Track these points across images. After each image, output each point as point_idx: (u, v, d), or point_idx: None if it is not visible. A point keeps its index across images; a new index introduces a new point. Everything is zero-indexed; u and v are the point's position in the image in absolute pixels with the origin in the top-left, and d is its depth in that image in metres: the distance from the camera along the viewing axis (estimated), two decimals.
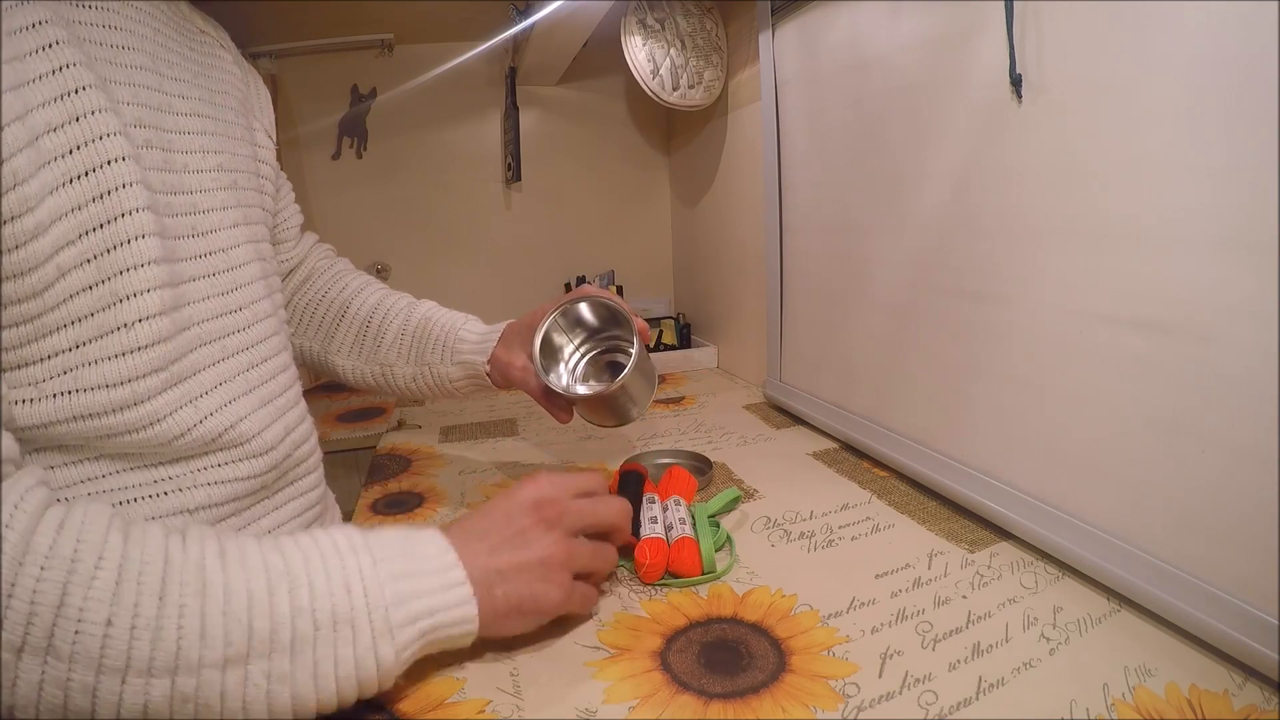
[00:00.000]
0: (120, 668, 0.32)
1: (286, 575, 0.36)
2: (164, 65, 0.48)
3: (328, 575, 0.37)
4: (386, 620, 0.37)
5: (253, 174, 0.58)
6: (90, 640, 0.31)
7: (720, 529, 0.61)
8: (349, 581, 0.37)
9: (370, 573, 0.38)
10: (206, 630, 0.33)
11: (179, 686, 0.33)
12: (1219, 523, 0.44)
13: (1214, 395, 0.44)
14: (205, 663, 0.33)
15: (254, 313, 0.52)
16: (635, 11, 1.08)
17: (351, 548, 0.39)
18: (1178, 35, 0.44)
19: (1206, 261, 0.43)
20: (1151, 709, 0.39)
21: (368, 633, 0.37)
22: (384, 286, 0.74)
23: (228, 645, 0.33)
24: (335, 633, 0.36)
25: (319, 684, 0.36)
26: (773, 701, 0.41)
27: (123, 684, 0.32)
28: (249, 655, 0.34)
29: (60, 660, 0.31)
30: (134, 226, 0.40)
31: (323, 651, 0.36)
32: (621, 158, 1.49)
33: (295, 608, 0.35)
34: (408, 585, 0.39)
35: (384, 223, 1.39)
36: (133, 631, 0.32)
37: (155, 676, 0.32)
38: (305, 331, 0.73)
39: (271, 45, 1.23)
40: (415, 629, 0.39)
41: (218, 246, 0.49)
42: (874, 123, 0.75)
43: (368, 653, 0.37)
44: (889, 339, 0.76)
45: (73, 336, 0.38)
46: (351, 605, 0.36)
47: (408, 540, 0.41)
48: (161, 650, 0.32)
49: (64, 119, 0.38)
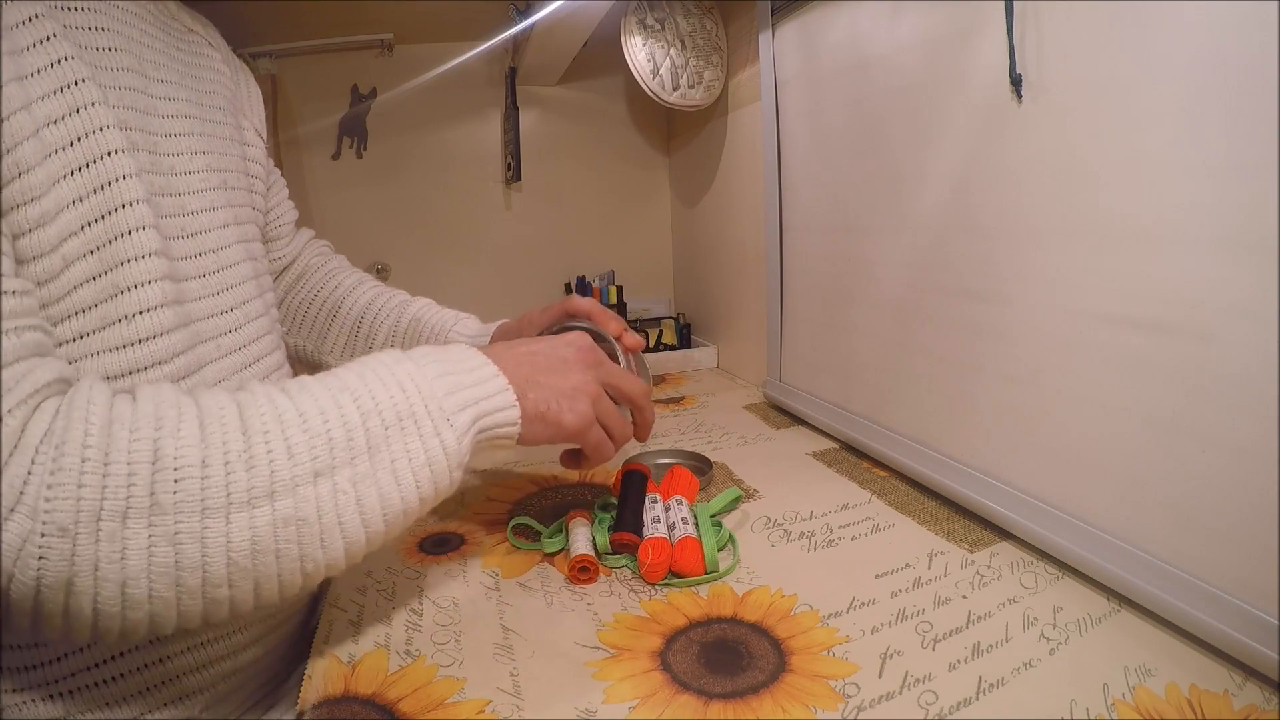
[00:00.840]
0: (223, 505, 0.33)
1: (347, 389, 0.39)
2: (150, 66, 0.48)
3: (382, 382, 0.40)
4: (442, 409, 0.41)
5: (242, 173, 0.58)
6: (190, 484, 0.32)
7: (722, 529, 0.61)
8: (402, 382, 0.40)
9: (418, 373, 0.41)
10: (292, 449, 0.35)
11: (278, 510, 0.35)
12: (1219, 522, 0.44)
13: (1214, 395, 0.44)
14: (298, 480, 0.35)
15: (246, 313, 0.52)
16: (635, 11, 1.08)
17: (395, 359, 0.42)
18: (1178, 35, 0.44)
19: (1206, 261, 0.43)
20: (1151, 709, 0.39)
21: (429, 422, 0.40)
22: (378, 284, 0.74)
23: (314, 458, 0.36)
24: (401, 428, 0.39)
25: (399, 479, 0.39)
26: (773, 701, 0.41)
27: (228, 521, 0.33)
28: (334, 465, 0.36)
29: (165, 514, 0.32)
30: (133, 218, 0.40)
31: (396, 447, 0.39)
32: (621, 158, 1.49)
33: (363, 411, 0.38)
34: (453, 380, 0.42)
35: (384, 223, 1.39)
36: (227, 466, 0.33)
37: (256, 506, 0.34)
38: (298, 331, 0.72)
39: (271, 45, 1.23)
40: (468, 414, 0.42)
41: (208, 247, 0.49)
42: (874, 123, 0.75)
43: (433, 439, 0.40)
44: (889, 339, 0.76)
45: (76, 327, 0.38)
46: (409, 401, 0.40)
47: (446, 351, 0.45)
48: (257, 477, 0.34)
49: (64, 111, 0.38)
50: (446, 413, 0.41)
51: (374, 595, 0.55)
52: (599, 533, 0.59)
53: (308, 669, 0.46)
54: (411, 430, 0.39)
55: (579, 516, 0.61)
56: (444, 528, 0.66)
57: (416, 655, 0.47)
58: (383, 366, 0.41)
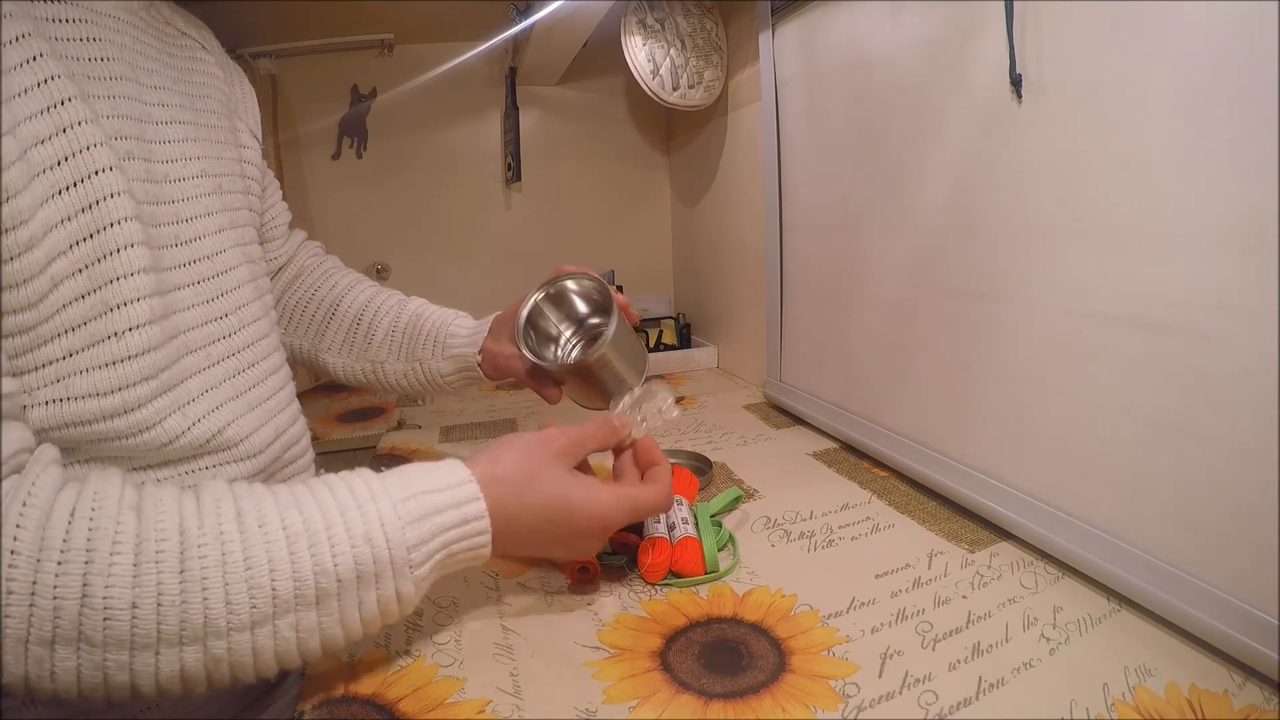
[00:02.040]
0: (151, 643, 0.33)
1: (306, 535, 0.36)
2: (143, 74, 0.48)
3: (348, 530, 0.37)
4: (407, 561, 0.39)
5: (238, 175, 0.58)
6: (118, 624, 0.32)
7: (722, 529, 0.61)
8: (369, 533, 0.38)
9: (391, 519, 0.38)
10: (230, 598, 0.34)
11: (211, 651, 0.34)
12: (1219, 522, 0.44)
13: (1214, 395, 0.44)
14: (233, 627, 0.34)
15: (241, 317, 0.52)
16: (635, 11, 1.08)
17: (370, 495, 0.39)
18: (1178, 35, 0.44)
19: (1206, 261, 0.43)
20: (1151, 709, 0.39)
21: (390, 578, 0.38)
22: (374, 284, 0.75)
23: (253, 609, 0.34)
24: (359, 583, 0.37)
25: (346, 627, 0.38)
26: (773, 701, 0.41)
27: (157, 657, 0.33)
28: (275, 615, 0.35)
29: (93, 646, 0.32)
30: (122, 236, 0.40)
31: (347, 600, 0.37)
32: (621, 158, 1.49)
33: (318, 568, 0.36)
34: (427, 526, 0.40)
35: (384, 223, 1.39)
36: (159, 610, 0.33)
37: (187, 645, 0.34)
38: (295, 330, 0.73)
39: (271, 45, 1.23)
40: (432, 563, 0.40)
41: (203, 254, 0.49)
42: (874, 123, 0.75)
43: (390, 593, 0.38)
44: (889, 339, 0.76)
45: (65, 345, 0.38)
46: (374, 556, 0.37)
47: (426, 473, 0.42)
48: (189, 623, 0.33)
49: (51, 131, 0.38)
50: (411, 564, 0.39)
51: None
52: None
53: (307, 669, 0.46)
54: (369, 585, 0.38)
55: None
56: None
57: (416, 655, 0.47)
58: (354, 507, 0.38)
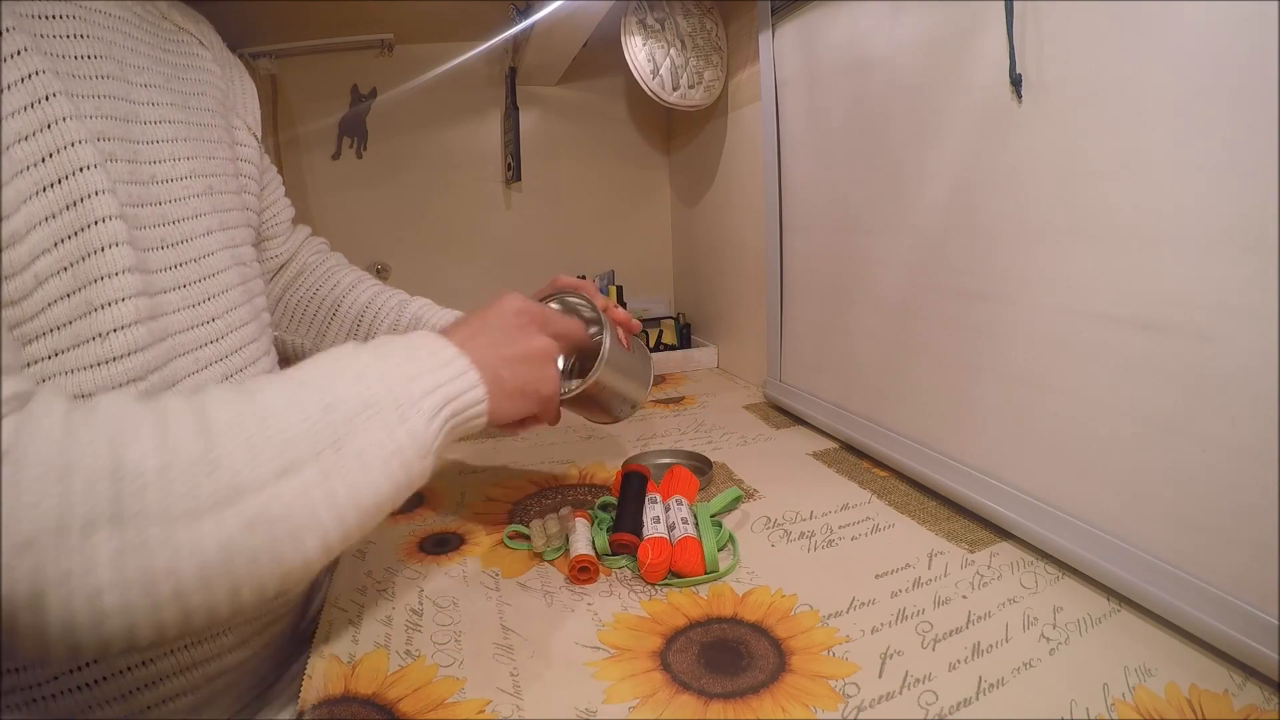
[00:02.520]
0: (188, 511, 0.32)
1: (303, 384, 0.38)
2: (132, 72, 0.47)
3: (340, 373, 0.39)
4: (407, 395, 0.40)
5: (231, 175, 0.57)
6: (152, 493, 0.32)
7: (722, 529, 0.61)
8: (360, 373, 0.39)
9: (377, 362, 0.40)
10: (255, 448, 0.34)
11: (246, 512, 0.34)
12: (1219, 522, 0.44)
13: (1214, 395, 0.44)
14: (262, 479, 0.34)
15: (229, 321, 0.51)
16: (635, 11, 1.08)
17: (353, 351, 0.41)
18: (1178, 35, 0.44)
19: (1206, 261, 0.43)
20: (1151, 709, 0.39)
21: (394, 410, 0.39)
22: (377, 283, 0.74)
23: (277, 455, 0.35)
24: (366, 417, 0.38)
25: (368, 469, 0.38)
26: (773, 701, 0.41)
27: (197, 527, 0.32)
28: (298, 461, 0.35)
29: (130, 523, 0.31)
30: (106, 235, 0.40)
31: (361, 438, 0.38)
32: (621, 158, 1.49)
33: (324, 404, 0.37)
34: (414, 367, 0.41)
35: (384, 223, 1.39)
36: (189, 471, 0.33)
37: (222, 510, 0.33)
38: (297, 329, 0.72)
39: (271, 45, 1.23)
40: (432, 401, 0.41)
41: (190, 256, 0.49)
42: (874, 123, 0.75)
43: (399, 427, 0.39)
44: (889, 339, 0.76)
45: (50, 345, 0.38)
46: (370, 390, 0.39)
47: (405, 338, 0.44)
48: (220, 481, 0.33)
49: (34, 127, 0.37)
50: (412, 398, 0.40)
51: (374, 595, 0.55)
52: (598, 534, 0.59)
53: (308, 669, 0.46)
54: (375, 419, 0.38)
55: (579, 517, 0.61)
56: (444, 528, 0.66)
57: (416, 655, 0.47)
58: (341, 358, 0.40)
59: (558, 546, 0.59)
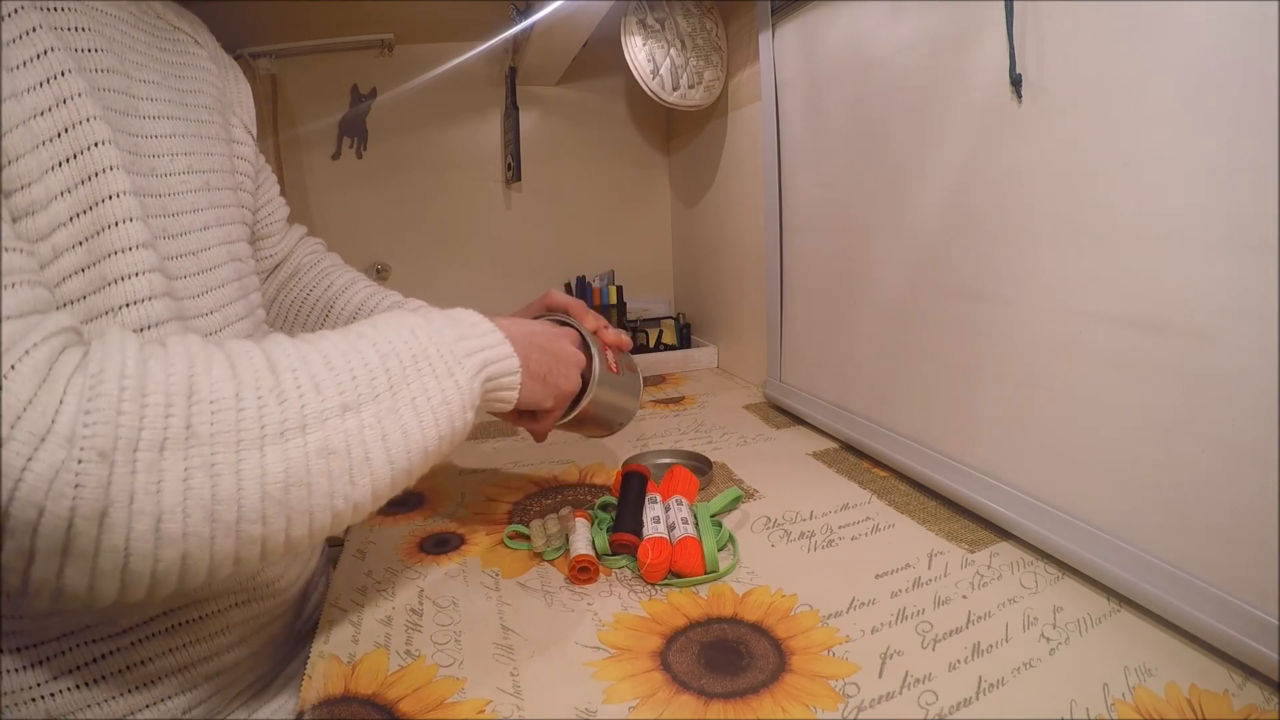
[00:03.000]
0: (257, 437, 0.34)
1: (362, 335, 0.41)
2: (132, 67, 0.47)
3: (395, 329, 0.43)
4: (453, 352, 0.44)
5: (228, 172, 0.57)
6: (225, 416, 0.33)
7: (722, 529, 0.61)
8: (414, 328, 0.43)
9: (427, 325, 0.44)
10: (319, 385, 0.37)
11: (310, 442, 0.36)
12: (1219, 522, 0.44)
13: (1214, 395, 0.44)
14: (326, 413, 0.37)
15: (226, 316, 0.51)
16: (635, 11, 1.08)
17: (403, 315, 0.45)
18: (1178, 35, 0.44)
19: (1206, 261, 0.43)
20: (1151, 709, 0.39)
21: (442, 364, 0.43)
22: (371, 284, 0.74)
23: (340, 393, 0.38)
24: (418, 368, 0.42)
25: (420, 415, 0.41)
26: (773, 701, 0.41)
27: (262, 453, 0.34)
28: (359, 400, 0.38)
29: (201, 445, 0.32)
30: (120, 210, 0.40)
31: (414, 385, 0.41)
32: (621, 158, 1.49)
33: (381, 354, 0.41)
34: (458, 330, 0.45)
35: (384, 223, 1.39)
36: (259, 400, 0.35)
37: (288, 439, 0.35)
38: (291, 329, 0.72)
39: (271, 45, 1.23)
40: (475, 360, 0.45)
41: (189, 249, 0.49)
42: (874, 123, 0.75)
43: (448, 379, 0.43)
44: (889, 339, 0.76)
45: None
46: (422, 346, 0.43)
47: (450, 311, 0.48)
48: (289, 410, 0.35)
49: (50, 102, 0.38)
50: (457, 356, 0.44)
51: (374, 595, 0.55)
52: (598, 534, 0.59)
53: (308, 669, 0.46)
54: (426, 370, 0.42)
55: (579, 517, 0.61)
56: (444, 528, 0.66)
57: (416, 655, 0.47)
58: (394, 319, 0.44)
59: (558, 546, 0.60)
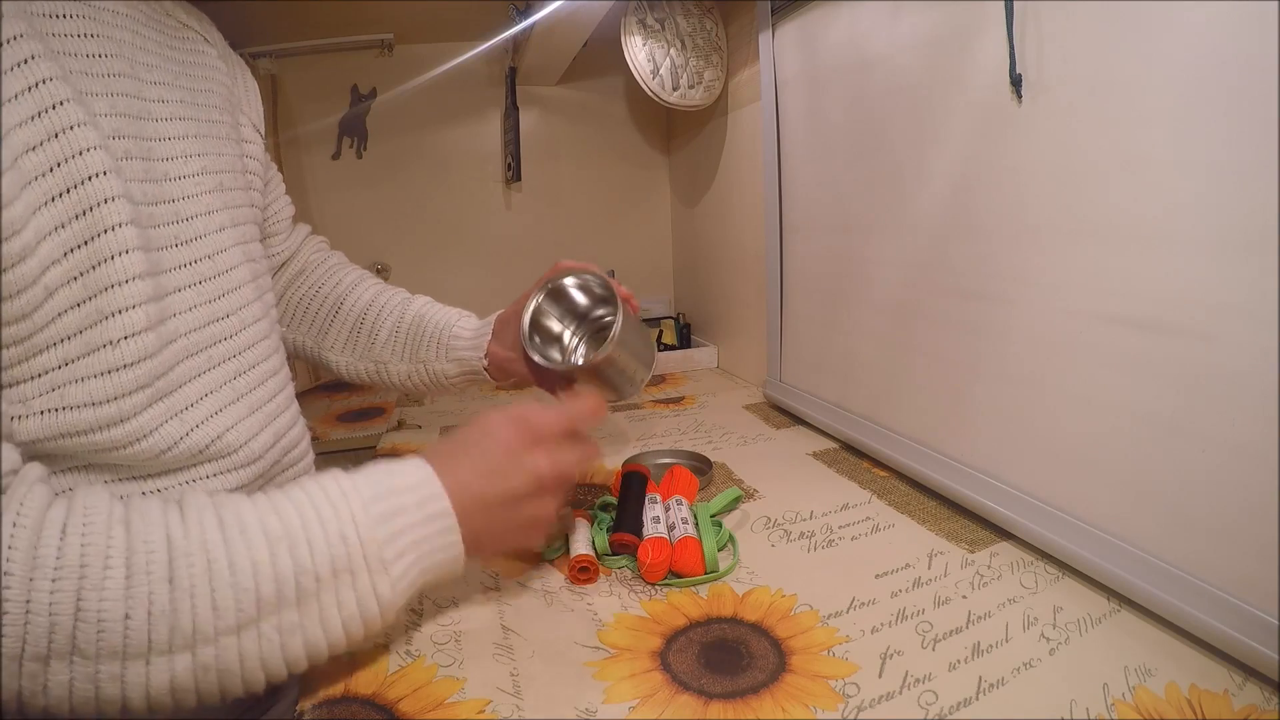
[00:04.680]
0: (144, 652, 0.34)
1: (285, 537, 0.38)
2: (143, 69, 0.47)
3: (324, 529, 0.39)
4: (380, 559, 0.40)
5: (239, 172, 0.57)
6: (112, 636, 0.33)
7: (722, 528, 0.61)
8: (344, 531, 0.39)
9: (362, 517, 0.40)
10: (218, 604, 0.35)
11: (200, 658, 0.35)
12: (1219, 522, 0.44)
13: (1213, 394, 0.44)
14: (221, 631, 0.35)
15: (242, 318, 0.51)
16: (635, 11, 1.08)
17: (342, 494, 0.41)
18: (1178, 35, 0.44)
19: (1206, 261, 0.43)
20: (1151, 709, 0.39)
21: (365, 575, 0.39)
22: (379, 281, 0.74)
23: (239, 612, 0.36)
24: (336, 580, 0.39)
25: (327, 629, 0.39)
26: (773, 701, 0.41)
27: (148, 666, 0.34)
28: (259, 616, 0.36)
29: (86, 659, 0.33)
30: (117, 242, 0.40)
31: (327, 599, 0.38)
32: (621, 158, 1.49)
33: (298, 566, 0.37)
34: (397, 523, 0.41)
35: (384, 223, 1.39)
36: (150, 619, 0.34)
37: (177, 653, 0.35)
38: (299, 327, 0.72)
39: (271, 45, 1.23)
40: (406, 562, 0.41)
41: (203, 253, 0.49)
42: (874, 123, 0.75)
43: (368, 592, 0.40)
44: (889, 339, 0.76)
45: (60, 355, 0.38)
46: (348, 553, 0.39)
47: (391, 475, 0.43)
48: (180, 630, 0.34)
49: (43, 136, 0.37)
50: (385, 561, 0.40)
51: None
52: (598, 534, 0.59)
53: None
54: (346, 582, 0.39)
55: (579, 517, 0.61)
56: None
57: (416, 655, 0.47)
58: (327, 506, 0.40)
59: (558, 546, 0.59)
